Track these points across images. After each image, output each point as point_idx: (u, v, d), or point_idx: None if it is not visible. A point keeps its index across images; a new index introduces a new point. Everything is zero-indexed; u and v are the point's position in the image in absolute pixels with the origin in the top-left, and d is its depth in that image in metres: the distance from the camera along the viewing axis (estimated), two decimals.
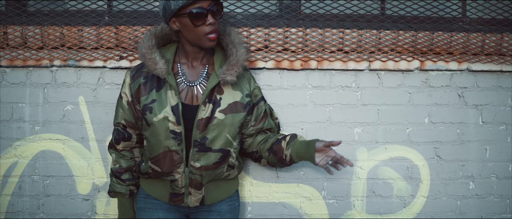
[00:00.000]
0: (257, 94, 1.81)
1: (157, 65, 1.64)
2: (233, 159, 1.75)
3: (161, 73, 1.65)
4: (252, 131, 1.81)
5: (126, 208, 1.83)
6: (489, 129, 2.14)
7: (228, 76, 1.66)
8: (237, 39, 1.72)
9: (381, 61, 2.07)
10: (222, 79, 1.66)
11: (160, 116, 1.65)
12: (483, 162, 2.14)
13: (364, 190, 2.11)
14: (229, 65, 1.67)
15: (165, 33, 1.75)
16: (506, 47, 2.09)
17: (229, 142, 1.70)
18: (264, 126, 1.83)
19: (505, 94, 2.14)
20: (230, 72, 1.66)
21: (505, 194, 2.16)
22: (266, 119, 1.83)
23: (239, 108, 1.72)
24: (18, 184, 2.05)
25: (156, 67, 1.64)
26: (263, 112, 1.82)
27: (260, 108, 1.81)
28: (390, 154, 2.11)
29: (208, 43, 1.62)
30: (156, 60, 1.65)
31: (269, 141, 1.81)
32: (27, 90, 2.04)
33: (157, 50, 1.68)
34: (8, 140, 2.04)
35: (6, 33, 1.97)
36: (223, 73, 1.66)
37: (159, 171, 1.70)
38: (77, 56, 2.00)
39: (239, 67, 1.68)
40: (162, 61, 1.65)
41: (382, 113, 2.10)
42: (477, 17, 2.18)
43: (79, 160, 2.05)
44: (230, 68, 1.66)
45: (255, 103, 1.80)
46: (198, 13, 1.57)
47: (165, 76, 1.65)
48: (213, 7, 1.59)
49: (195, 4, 1.57)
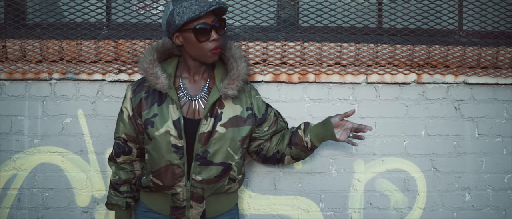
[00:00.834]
0: (260, 106, 1.82)
1: (159, 80, 1.66)
2: (235, 173, 1.76)
3: (163, 88, 1.66)
4: (268, 136, 1.84)
5: None
6: (485, 141, 2.16)
7: (229, 91, 1.67)
8: (238, 54, 1.73)
9: (378, 74, 2.08)
10: (223, 94, 1.68)
11: (161, 130, 1.66)
12: (479, 174, 2.16)
13: (361, 202, 2.12)
14: (230, 80, 1.68)
15: (167, 47, 1.76)
16: (502, 61, 2.11)
17: (230, 155, 1.72)
18: (277, 128, 1.86)
19: (501, 107, 2.16)
20: (231, 87, 1.67)
21: (501, 206, 2.18)
22: (277, 122, 1.86)
23: (239, 123, 1.73)
24: (17, 196, 2.05)
25: (158, 82, 1.66)
26: (274, 116, 1.85)
27: (270, 115, 1.83)
28: (387, 166, 2.13)
29: (211, 59, 1.64)
30: (158, 74, 1.66)
31: (286, 137, 1.84)
32: (26, 103, 2.05)
33: (158, 65, 1.69)
34: (7, 152, 2.05)
35: (5, 47, 1.98)
36: (224, 87, 1.68)
37: (161, 185, 1.71)
38: (76, 70, 2.01)
39: (240, 81, 1.69)
40: (163, 76, 1.66)
41: (379, 126, 2.12)
42: (474, 31, 2.20)
43: (78, 172, 2.06)
44: (231, 83, 1.68)
45: (264, 113, 1.81)
46: (202, 29, 1.58)
47: (167, 91, 1.66)
48: (217, 23, 1.61)
49: (199, 20, 1.58)
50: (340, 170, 2.11)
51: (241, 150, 1.76)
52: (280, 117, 1.89)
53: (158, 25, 2.09)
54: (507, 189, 2.18)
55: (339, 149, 2.10)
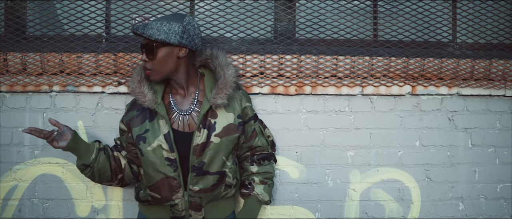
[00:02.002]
0: (247, 113, 1.86)
1: (146, 98, 1.73)
2: (230, 178, 1.81)
3: (150, 104, 1.72)
4: (244, 149, 1.88)
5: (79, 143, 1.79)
6: (478, 152, 2.21)
7: (218, 100, 1.72)
8: (224, 61, 1.78)
9: (373, 86, 2.12)
10: (213, 104, 1.72)
11: (154, 145, 1.71)
12: (472, 184, 2.21)
13: (357, 212, 2.16)
14: (218, 89, 1.73)
15: None
16: (495, 73, 2.15)
17: (224, 163, 1.77)
18: (254, 143, 1.89)
19: (494, 117, 2.21)
20: (220, 96, 1.72)
21: (494, 215, 2.22)
22: (256, 137, 1.89)
23: (232, 130, 1.78)
24: (18, 207, 2.08)
25: (145, 99, 1.73)
26: (252, 130, 1.88)
27: (249, 127, 1.87)
28: (382, 176, 2.17)
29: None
30: (145, 93, 1.73)
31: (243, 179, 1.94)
32: (26, 115, 2.07)
33: (146, 83, 1.76)
34: (8, 163, 2.07)
35: (6, 60, 2.01)
36: (213, 97, 1.73)
37: (159, 198, 1.75)
38: (76, 82, 2.04)
39: (229, 88, 1.74)
40: (150, 93, 1.73)
41: (374, 136, 2.16)
42: (467, 44, 2.24)
43: (78, 183, 2.09)
44: (220, 92, 1.73)
45: (246, 121, 1.85)
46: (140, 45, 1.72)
47: (154, 107, 1.72)
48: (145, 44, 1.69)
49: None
50: (336, 180, 2.15)
51: (232, 155, 1.82)
52: (262, 135, 1.92)
53: None
54: (500, 198, 2.22)
55: (335, 160, 2.14)
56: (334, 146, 2.14)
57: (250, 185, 1.90)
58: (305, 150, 2.13)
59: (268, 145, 1.96)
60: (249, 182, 1.90)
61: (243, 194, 1.92)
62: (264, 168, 1.91)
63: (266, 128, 1.99)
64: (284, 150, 2.12)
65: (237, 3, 2.14)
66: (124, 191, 2.08)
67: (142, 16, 2.13)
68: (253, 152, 1.90)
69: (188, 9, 2.17)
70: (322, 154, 2.13)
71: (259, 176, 1.90)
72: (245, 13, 2.13)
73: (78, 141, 1.76)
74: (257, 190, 1.88)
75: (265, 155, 1.93)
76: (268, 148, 1.95)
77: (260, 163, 1.91)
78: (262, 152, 1.92)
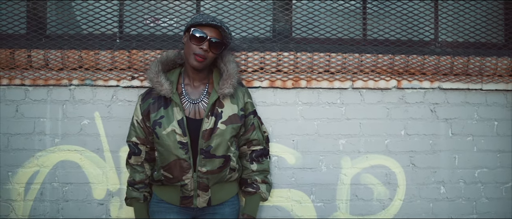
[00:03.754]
0: (248, 108, 2.08)
1: (163, 87, 1.92)
2: (234, 162, 2.02)
3: (167, 93, 1.92)
4: (242, 141, 2.09)
5: (141, 211, 2.08)
6: (458, 140, 2.43)
7: (225, 90, 1.94)
8: (227, 58, 2.02)
9: (362, 80, 2.34)
10: (220, 94, 1.94)
11: (168, 129, 1.91)
12: (452, 169, 2.43)
13: (348, 194, 2.38)
14: (223, 81, 1.96)
15: (170, 59, 2.04)
16: (472, 69, 2.37)
17: (228, 147, 1.98)
18: (251, 136, 2.10)
19: (472, 109, 2.43)
20: (226, 86, 1.94)
21: (472, 197, 2.44)
22: (253, 130, 2.10)
23: (236, 120, 1.99)
24: (40, 190, 2.28)
25: (162, 88, 1.93)
26: (251, 124, 2.09)
27: (249, 121, 2.08)
28: (370, 162, 2.38)
29: (193, 62, 1.92)
30: (162, 82, 1.93)
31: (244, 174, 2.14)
32: (48, 107, 2.28)
33: (163, 74, 1.96)
34: (30, 151, 2.28)
35: (30, 56, 2.21)
36: (220, 88, 1.95)
37: (171, 177, 1.95)
38: (93, 76, 2.25)
39: (233, 79, 1.96)
40: (167, 83, 1.93)
41: (363, 126, 2.38)
42: (447, 42, 2.47)
43: (95, 168, 2.29)
44: (225, 83, 1.95)
45: (246, 115, 2.07)
46: (196, 35, 1.89)
47: (170, 95, 1.92)
48: (214, 39, 1.90)
49: (199, 28, 1.90)
50: (329, 166, 2.36)
51: (235, 142, 2.03)
52: (259, 129, 2.13)
53: (167, 37, 2.34)
54: (478, 183, 2.44)
55: (328, 147, 2.36)
56: (327, 134, 2.36)
57: (255, 184, 2.10)
58: (301, 138, 2.35)
59: (264, 140, 2.16)
60: (251, 181, 2.11)
61: (249, 193, 2.11)
62: (263, 166, 2.13)
63: (263, 124, 2.20)
64: (282, 138, 2.33)
65: (239, 5, 2.36)
66: None
67: (153, 17, 2.35)
68: (249, 145, 2.11)
69: (194, 10, 2.39)
70: (316, 142, 2.35)
71: (260, 175, 2.12)
72: (247, 14, 2.35)
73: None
74: (262, 189, 2.11)
75: (262, 151, 2.13)
76: (263, 143, 2.16)
77: (259, 160, 2.12)
78: (258, 146, 2.12)
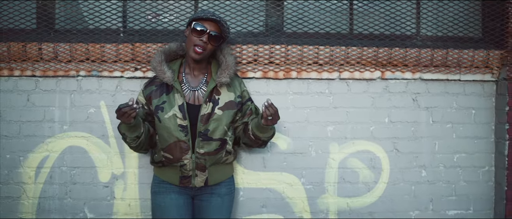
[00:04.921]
0: (245, 96, 2.26)
1: (166, 75, 2.10)
2: (230, 146, 2.20)
3: (169, 80, 2.10)
4: (240, 124, 2.25)
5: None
6: (438, 127, 2.61)
7: (222, 79, 2.12)
8: (226, 51, 2.20)
9: (349, 72, 2.52)
10: (218, 82, 2.12)
11: (170, 113, 2.10)
12: (433, 154, 2.61)
13: (336, 177, 2.56)
14: (221, 71, 2.14)
15: (172, 50, 2.21)
16: (451, 61, 2.56)
17: (225, 132, 2.16)
18: (249, 119, 2.25)
19: (451, 98, 2.61)
20: (223, 75, 2.13)
21: (451, 180, 2.62)
22: (251, 115, 2.27)
23: (232, 106, 2.17)
24: (49, 174, 2.46)
25: (165, 76, 2.10)
26: (249, 109, 2.26)
27: (247, 107, 2.26)
28: (357, 147, 2.56)
29: (193, 54, 2.07)
30: (165, 70, 2.11)
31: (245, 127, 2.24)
32: (56, 96, 2.45)
33: (165, 64, 2.14)
34: (41, 137, 2.45)
35: (41, 49, 2.39)
36: (218, 77, 2.13)
37: (171, 158, 2.13)
38: (99, 68, 2.42)
39: (230, 70, 2.14)
40: (169, 71, 2.11)
41: (350, 114, 2.56)
42: (427, 36, 2.66)
43: (100, 153, 2.46)
44: (223, 72, 2.13)
45: (244, 103, 2.25)
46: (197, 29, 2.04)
47: (172, 82, 2.10)
48: (214, 33, 2.06)
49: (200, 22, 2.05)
50: (318, 151, 2.54)
51: (231, 127, 2.20)
52: (257, 113, 2.27)
53: (168, 31, 2.51)
54: (456, 167, 2.62)
55: (317, 133, 2.53)
56: (316, 122, 2.54)
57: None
58: (292, 126, 2.53)
59: None
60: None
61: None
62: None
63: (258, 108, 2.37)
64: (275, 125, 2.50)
65: (234, 2, 2.54)
66: (139, 160, 2.46)
67: (155, 13, 2.53)
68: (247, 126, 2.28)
69: (193, 7, 2.56)
70: (306, 129, 2.53)
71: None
72: (241, 10, 2.53)
73: (137, 117, 2.07)
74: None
75: None
76: None
77: None
78: None
